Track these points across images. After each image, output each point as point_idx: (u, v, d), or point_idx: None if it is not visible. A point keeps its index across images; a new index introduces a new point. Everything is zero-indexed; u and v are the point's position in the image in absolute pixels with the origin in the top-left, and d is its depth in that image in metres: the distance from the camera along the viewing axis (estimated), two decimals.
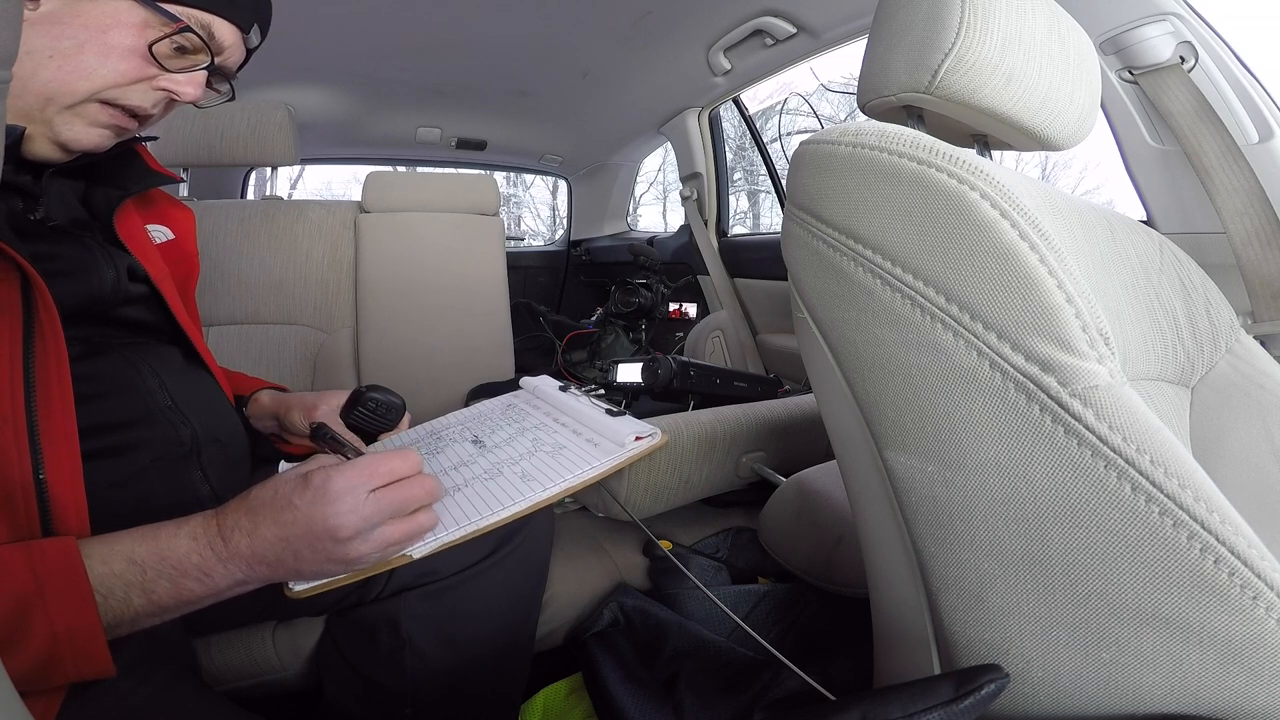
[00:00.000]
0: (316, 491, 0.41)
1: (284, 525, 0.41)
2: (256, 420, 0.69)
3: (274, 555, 0.41)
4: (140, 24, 0.47)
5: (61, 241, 0.50)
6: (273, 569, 0.42)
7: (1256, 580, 0.30)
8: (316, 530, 0.41)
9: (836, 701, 0.36)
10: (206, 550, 0.40)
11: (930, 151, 0.37)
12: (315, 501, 0.41)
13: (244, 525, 0.41)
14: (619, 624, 0.79)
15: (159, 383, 0.54)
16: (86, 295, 0.50)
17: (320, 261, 1.25)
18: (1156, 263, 0.55)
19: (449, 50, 1.55)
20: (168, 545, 0.40)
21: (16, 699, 0.27)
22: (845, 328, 0.42)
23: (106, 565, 0.38)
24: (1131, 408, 0.33)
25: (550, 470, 0.53)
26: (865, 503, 0.47)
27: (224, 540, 0.41)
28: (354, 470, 0.42)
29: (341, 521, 0.41)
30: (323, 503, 0.41)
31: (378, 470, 0.43)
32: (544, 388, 0.72)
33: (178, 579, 0.40)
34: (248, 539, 0.41)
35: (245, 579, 0.42)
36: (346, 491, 0.41)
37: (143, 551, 0.39)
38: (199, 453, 0.54)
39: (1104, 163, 4.71)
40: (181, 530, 0.41)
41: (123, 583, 0.38)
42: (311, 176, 4.35)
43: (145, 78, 0.48)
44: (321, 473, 0.42)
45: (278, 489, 0.42)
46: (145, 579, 0.39)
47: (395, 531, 0.43)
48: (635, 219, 2.84)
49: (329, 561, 0.42)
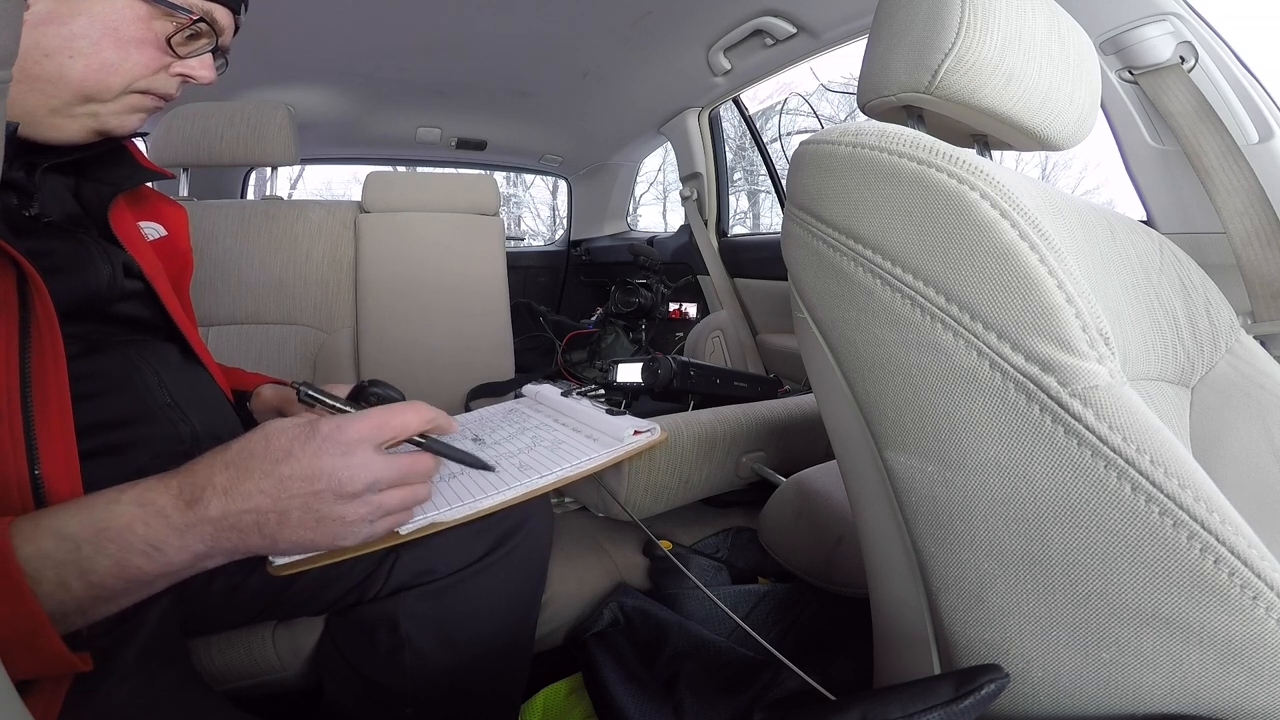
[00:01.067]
0: (326, 440, 0.37)
1: (279, 479, 0.36)
2: (260, 414, 0.68)
3: (251, 520, 0.36)
4: (145, 17, 0.48)
5: (57, 238, 0.50)
6: (244, 536, 0.36)
7: (1256, 580, 0.30)
8: (319, 484, 0.36)
9: (836, 701, 0.36)
10: (157, 519, 0.35)
11: (930, 151, 0.37)
12: (323, 451, 0.37)
13: (219, 482, 0.36)
14: (619, 624, 0.79)
15: (158, 380, 0.54)
16: (84, 291, 0.50)
17: (320, 261, 1.25)
18: (1156, 263, 0.55)
19: (449, 50, 1.55)
20: (105, 514, 0.34)
21: (16, 699, 0.27)
22: (845, 328, 0.42)
23: (33, 544, 0.33)
24: (1131, 408, 0.33)
25: (548, 461, 0.53)
26: (865, 503, 0.47)
27: (186, 504, 0.35)
28: (368, 420, 0.39)
29: (352, 474, 0.37)
30: (333, 453, 0.37)
31: (390, 423, 0.39)
32: (546, 394, 0.72)
33: (120, 555, 0.34)
34: (222, 498, 0.36)
35: (207, 551, 0.36)
36: (360, 442, 0.38)
37: (74, 525, 0.34)
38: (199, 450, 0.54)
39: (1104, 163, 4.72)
40: (124, 495, 0.35)
41: (54, 563, 0.33)
42: (311, 176, 4.35)
43: (163, 66, 0.51)
44: (331, 420, 0.38)
45: (271, 438, 0.37)
46: (80, 556, 0.33)
47: (393, 498, 0.40)
48: (635, 219, 2.84)
49: (317, 524, 0.37)
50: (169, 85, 0.52)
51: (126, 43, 0.47)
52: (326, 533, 0.38)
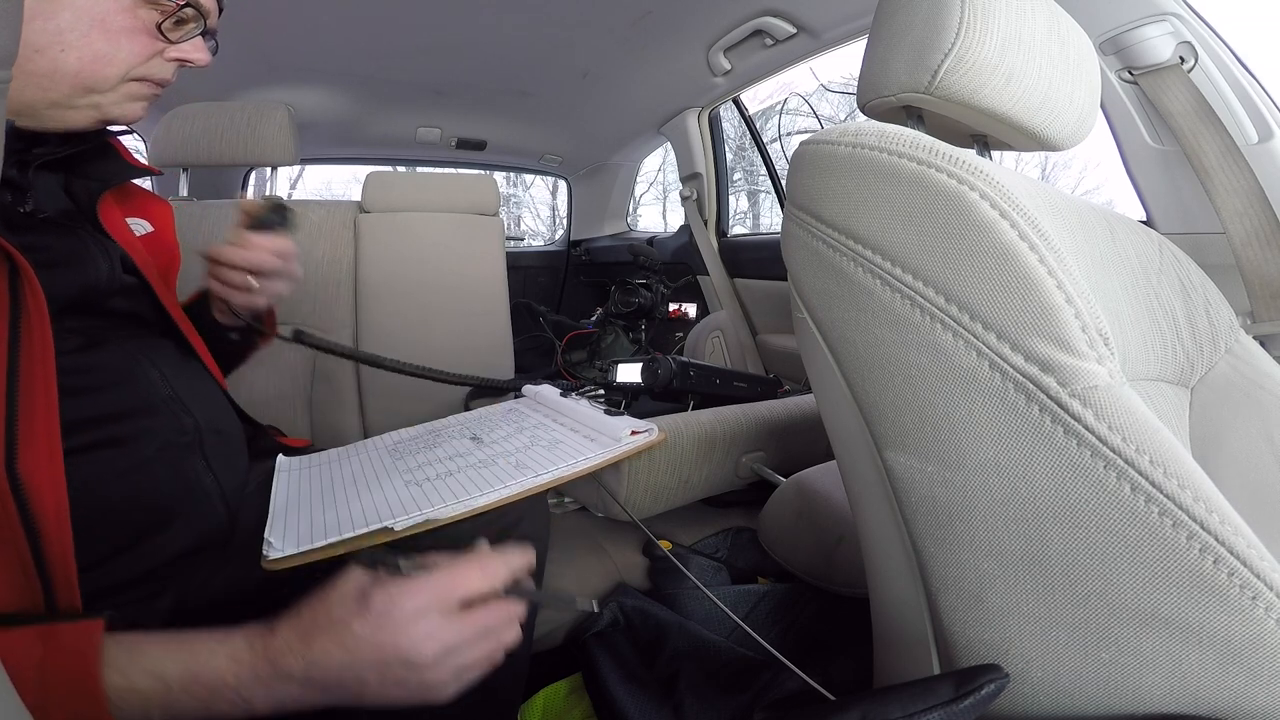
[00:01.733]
0: (381, 617, 0.37)
1: (346, 650, 0.37)
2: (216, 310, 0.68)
3: (334, 679, 0.37)
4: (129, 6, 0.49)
5: (53, 233, 0.50)
6: (329, 693, 0.37)
7: (1256, 580, 0.30)
8: (385, 656, 0.37)
9: (836, 701, 0.36)
10: (248, 673, 0.37)
11: (930, 151, 0.37)
12: (380, 627, 0.37)
13: (296, 648, 0.37)
14: (619, 624, 0.79)
15: (159, 374, 0.54)
16: (82, 285, 0.50)
17: (320, 261, 1.25)
18: (1156, 263, 0.55)
19: (449, 50, 1.55)
20: (204, 665, 0.36)
21: (16, 699, 0.27)
22: (845, 328, 0.42)
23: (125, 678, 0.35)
24: (1131, 408, 0.33)
25: (545, 460, 0.53)
26: (865, 503, 0.47)
27: (270, 663, 0.37)
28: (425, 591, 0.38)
29: (416, 649, 0.37)
30: (390, 629, 0.37)
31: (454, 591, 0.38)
32: (545, 394, 0.72)
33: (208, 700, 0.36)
34: (301, 662, 0.37)
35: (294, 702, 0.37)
36: (418, 616, 0.37)
37: (174, 670, 0.36)
38: (201, 443, 0.54)
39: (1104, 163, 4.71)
40: (221, 649, 0.37)
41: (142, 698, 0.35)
42: (311, 176, 4.35)
43: (156, 52, 0.52)
44: (384, 594, 0.37)
45: (330, 610, 0.38)
46: (170, 697, 0.35)
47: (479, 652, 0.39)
48: (635, 219, 2.84)
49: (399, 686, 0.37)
50: (165, 70, 0.53)
51: (115, 32, 0.48)
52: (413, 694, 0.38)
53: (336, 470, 0.62)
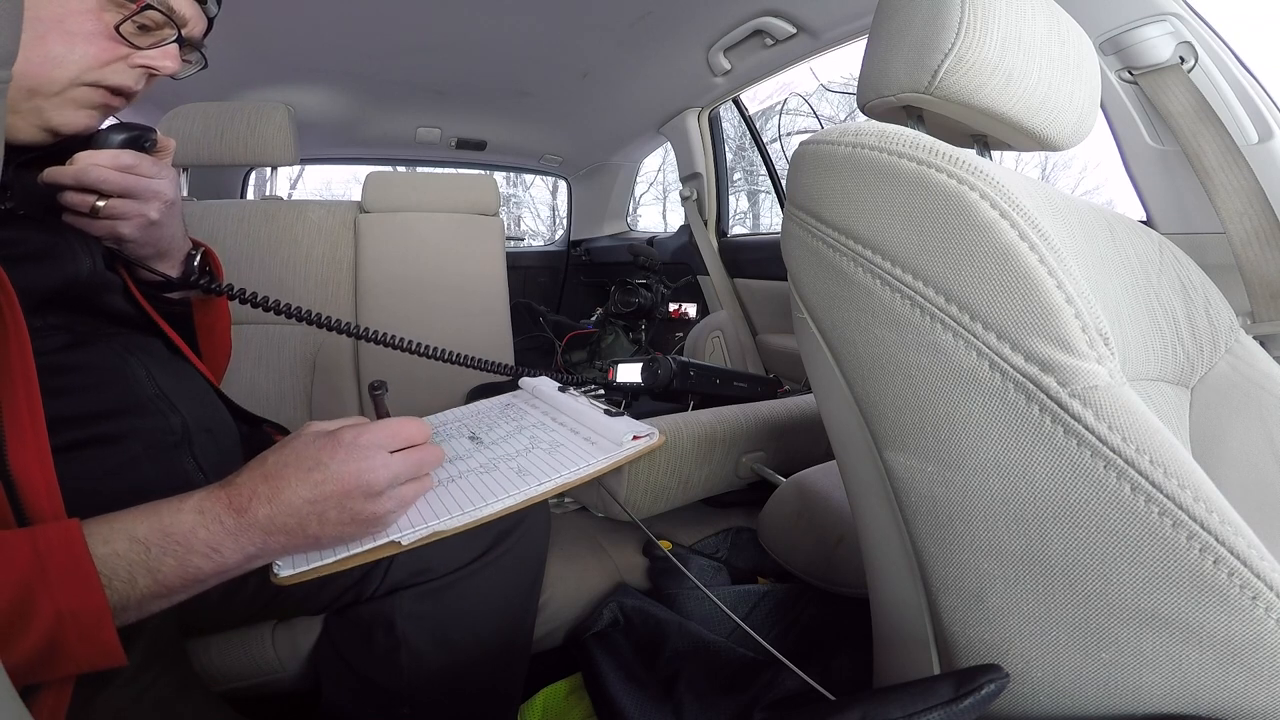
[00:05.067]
0: (350, 448, 0.42)
1: (314, 485, 0.41)
2: None
3: (295, 521, 0.41)
4: (95, 8, 0.47)
5: (32, 228, 0.50)
6: (290, 537, 0.41)
7: (1256, 580, 0.30)
8: (349, 487, 0.41)
9: (836, 701, 0.36)
10: (215, 524, 0.39)
11: (930, 152, 0.37)
12: (350, 458, 0.41)
13: (263, 492, 0.40)
14: (619, 624, 0.79)
15: (146, 372, 0.54)
16: (62, 280, 0.50)
17: (320, 261, 1.25)
18: (1156, 263, 0.55)
19: (449, 50, 1.55)
20: (171, 520, 0.39)
21: (16, 699, 0.27)
22: (845, 328, 0.42)
23: (109, 545, 0.37)
24: (1131, 408, 0.33)
25: (546, 466, 0.53)
26: (865, 503, 0.47)
27: (237, 512, 0.40)
28: (381, 429, 0.44)
29: (376, 476, 0.42)
30: (357, 458, 0.42)
31: (400, 433, 0.45)
32: (543, 388, 0.72)
33: (184, 555, 0.38)
34: (268, 506, 0.40)
35: (258, 552, 0.41)
36: (377, 447, 0.43)
37: (144, 529, 0.38)
38: (190, 442, 0.54)
39: (1104, 163, 4.71)
40: (185, 505, 0.40)
41: (126, 562, 0.37)
42: (311, 176, 4.35)
43: (119, 57, 0.49)
44: (351, 430, 0.43)
45: (301, 450, 0.42)
46: (150, 557, 0.38)
47: (410, 491, 0.45)
48: (635, 219, 2.84)
49: (353, 522, 0.42)
50: (125, 78, 0.50)
51: (73, 35, 0.46)
52: (363, 524, 0.43)
53: None
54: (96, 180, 0.51)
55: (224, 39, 0.57)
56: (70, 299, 0.51)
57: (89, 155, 0.51)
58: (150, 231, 0.56)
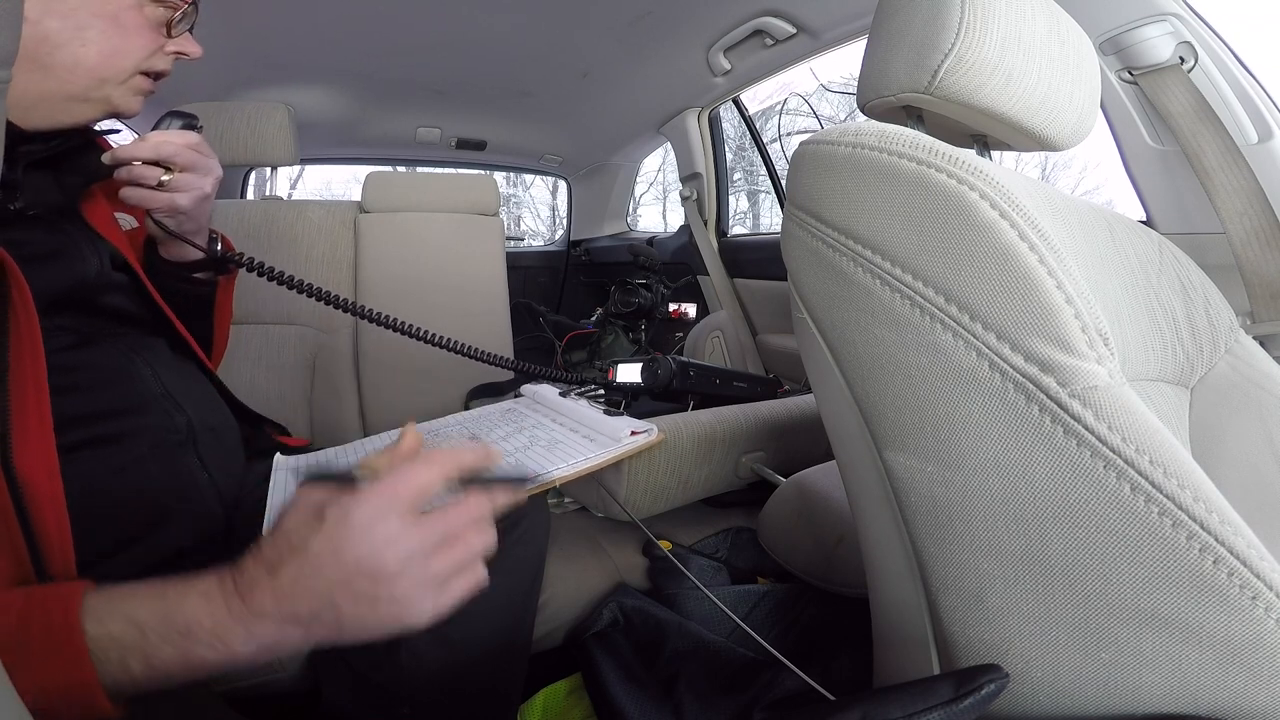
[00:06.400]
0: (335, 527, 0.35)
1: (310, 573, 0.34)
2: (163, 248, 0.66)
3: (307, 611, 0.35)
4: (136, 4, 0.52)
5: (41, 229, 0.51)
6: (307, 629, 0.35)
7: (1256, 580, 0.30)
8: (348, 573, 0.34)
9: (836, 701, 0.36)
10: (222, 611, 0.35)
11: (930, 152, 0.37)
12: (338, 540, 0.34)
13: (265, 582, 0.35)
14: (618, 624, 0.79)
15: (151, 372, 0.54)
16: (71, 281, 0.51)
17: (320, 261, 1.25)
18: (1156, 263, 0.55)
19: (449, 50, 1.55)
20: (175, 606, 0.35)
21: (16, 699, 0.27)
22: (845, 328, 0.42)
23: (103, 626, 0.34)
24: (1131, 408, 0.33)
25: (545, 461, 0.53)
26: (865, 503, 0.47)
27: (243, 599, 0.35)
28: (376, 495, 0.35)
29: (379, 558, 0.34)
30: (347, 539, 0.34)
31: (403, 491, 0.36)
32: (544, 393, 0.72)
33: (185, 645, 0.34)
34: (272, 596, 0.35)
35: (274, 644, 0.35)
36: (373, 522, 0.35)
37: (144, 613, 0.35)
38: (195, 440, 0.55)
39: (1104, 163, 4.71)
40: (191, 589, 0.36)
41: (120, 646, 0.34)
42: (311, 176, 4.35)
43: (160, 47, 0.55)
44: (336, 505, 0.35)
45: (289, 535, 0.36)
46: (146, 643, 0.34)
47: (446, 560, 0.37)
48: (635, 219, 2.84)
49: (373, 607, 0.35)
50: (165, 63, 0.56)
51: (126, 29, 0.51)
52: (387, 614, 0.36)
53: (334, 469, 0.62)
54: (170, 155, 0.57)
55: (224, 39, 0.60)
56: (77, 300, 0.51)
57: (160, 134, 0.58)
58: (201, 205, 0.61)
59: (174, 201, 0.58)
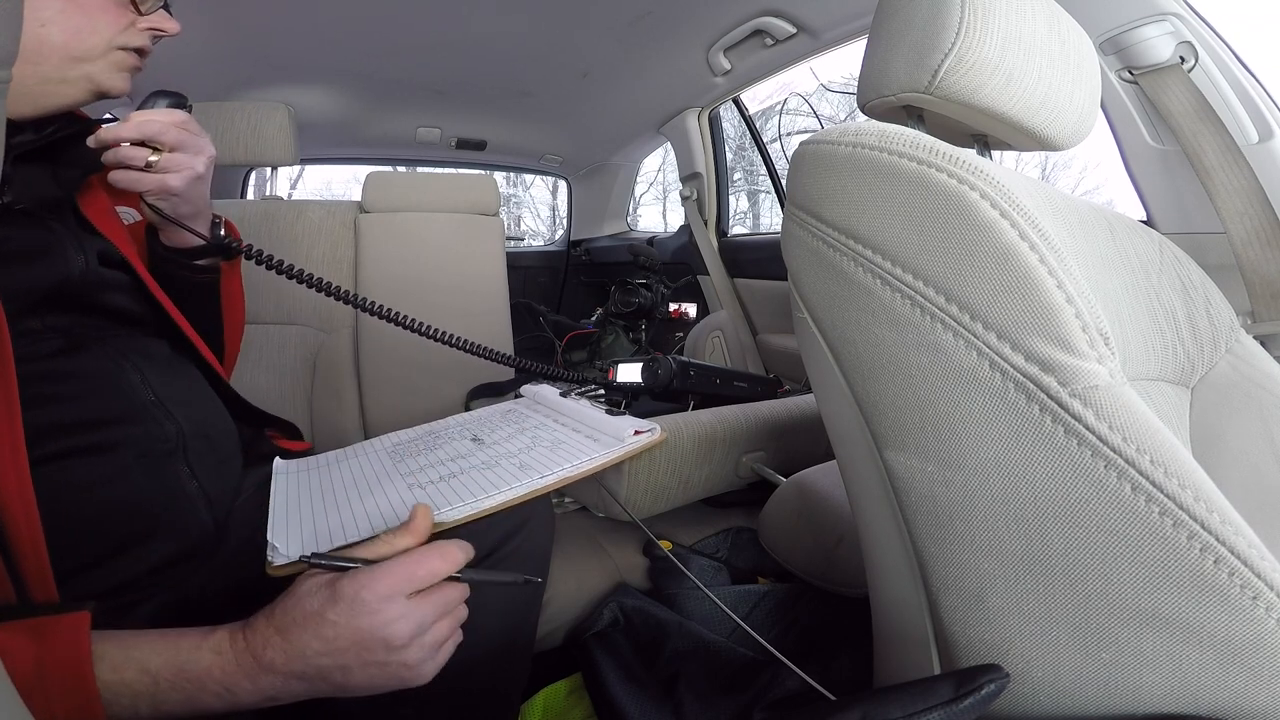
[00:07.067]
0: (353, 604, 0.38)
1: (325, 640, 0.38)
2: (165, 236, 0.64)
3: (314, 670, 0.38)
4: None
5: (23, 225, 0.49)
6: (313, 684, 0.39)
7: (1256, 580, 0.30)
8: (363, 642, 0.38)
9: (836, 701, 0.36)
10: (232, 665, 0.38)
11: (930, 151, 0.37)
12: (355, 614, 0.38)
13: (275, 642, 0.38)
14: (619, 624, 0.79)
15: (141, 378, 0.53)
16: (55, 279, 0.49)
17: (320, 261, 1.25)
18: (1156, 263, 0.55)
19: (449, 50, 1.55)
20: (188, 659, 0.37)
21: (16, 699, 0.27)
22: (845, 328, 0.42)
23: (117, 673, 0.36)
24: (1131, 408, 0.33)
25: (548, 461, 0.53)
26: (865, 503, 0.47)
27: (254, 655, 0.38)
28: (390, 577, 0.39)
29: (394, 631, 0.39)
30: (366, 614, 0.38)
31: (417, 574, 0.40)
32: (545, 394, 0.72)
33: (194, 694, 0.37)
34: (282, 656, 0.38)
35: (277, 695, 0.39)
36: (388, 599, 0.39)
37: (158, 663, 0.37)
38: (185, 449, 0.54)
39: (1104, 163, 4.71)
40: (205, 643, 0.38)
41: (131, 692, 0.36)
42: (311, 176, 4.35)
43: (130, 23, 0.53)
44: (352, 583, 0.39)
45: (302, 602, 0.39)
46: (157, 691, 0.36)
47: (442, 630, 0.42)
48: (635, 219, 2.84)
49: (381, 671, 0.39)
50: (142, 40, 0.55)
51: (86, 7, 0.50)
52: (395, 676, 0.40)
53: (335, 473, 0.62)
54: (156, 133, 0.55)
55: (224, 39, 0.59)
56: (67, 299, 0.50)
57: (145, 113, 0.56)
58: (195, 186, 0.59)
59: (164, 182, 0.55)
